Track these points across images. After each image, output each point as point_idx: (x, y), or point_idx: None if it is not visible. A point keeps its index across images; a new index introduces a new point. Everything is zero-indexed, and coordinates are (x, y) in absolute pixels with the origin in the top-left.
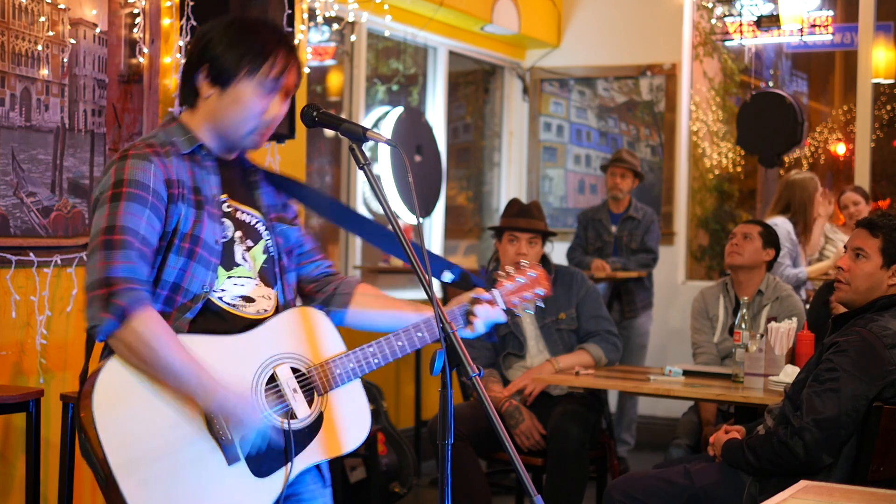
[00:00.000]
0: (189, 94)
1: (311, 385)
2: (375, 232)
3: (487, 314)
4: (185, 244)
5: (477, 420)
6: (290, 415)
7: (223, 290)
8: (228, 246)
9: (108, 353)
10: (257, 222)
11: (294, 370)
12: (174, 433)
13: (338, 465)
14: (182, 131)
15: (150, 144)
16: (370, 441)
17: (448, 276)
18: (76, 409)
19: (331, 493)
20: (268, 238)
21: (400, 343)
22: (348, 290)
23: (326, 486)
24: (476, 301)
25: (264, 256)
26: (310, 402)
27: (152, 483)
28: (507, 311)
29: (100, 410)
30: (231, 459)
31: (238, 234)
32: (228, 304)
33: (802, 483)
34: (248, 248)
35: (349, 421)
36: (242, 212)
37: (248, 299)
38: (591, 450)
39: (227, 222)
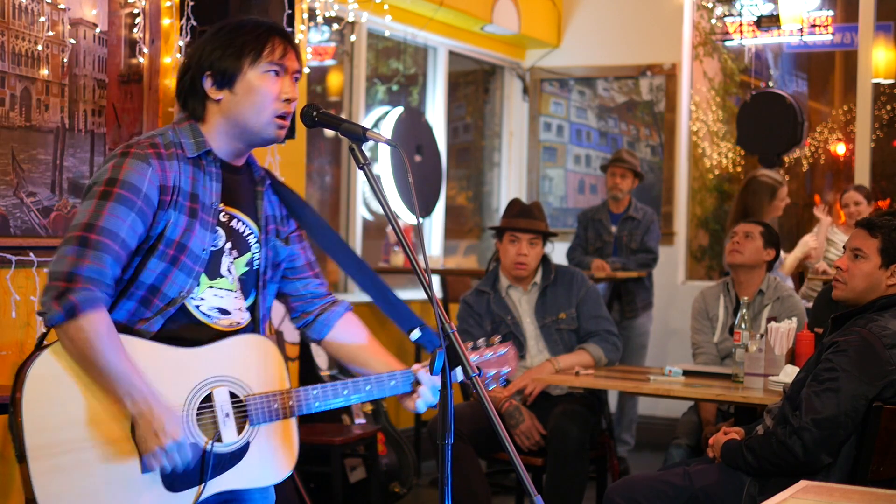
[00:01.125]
0: (197, 107)
1: (245, 413)
2: (361, 270)
3: (433, 382)
4: (169, 250)
5: (477, 420)
6: (216, 437)
7: (202, 300)
8: (216, 255)
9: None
10: (250, 233)
11: (233, 395)
12: (96, 430)
13: (338, 464)
14: (193, 133)
15: (153, 144)
16: (370, 441)
17: (416, 335)
18: (13, 388)
19: (272, 491)
20: (256, 250)
21: (346, 391)
22: (329, 323)
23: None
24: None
25: (245, 269)
26: (241, 429)
27: (61, 472)
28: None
29: (29, 391)
30: (145, 468)
31: (228, 244)
32: (204, 314)
33: (802, 483)
34: (234, 259)
35: (275, 456)
36: (239, 220)
37: (224, 311)
38: (591, 450)
39: (220, 231)
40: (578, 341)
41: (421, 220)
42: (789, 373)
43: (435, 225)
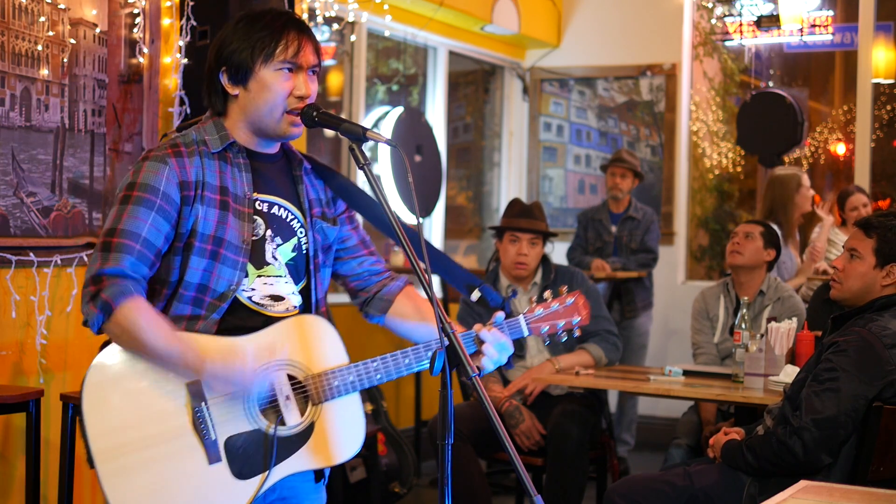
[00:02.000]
0: (218, 101)
1: (306, 394)
2: (415, 243)
3: (496, 339)
4: (207, 246)
5: (477, 420)
6: (280, 421)
7: (252, 290)
8: (259, 244)
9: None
10: (293, 219)
11: (291, 378)
12: (158, 427)
13: (338, 465)
14: (217, 128)
15: (174, 145)
16: (370, 441)
17: (476, 295)
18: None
19: (324, 490)
20: (301, 235)
21: (407, 360)
22: (389, 297)
23: (319, 483)
24: (486, 326)
25: (293, 254)
26: (303, 411)
27: (129, 472)
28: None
29: (88, 397)
30: (212, 458)
31: (269, 232)
32: (257, 303)
33: (802, 483)
34: (278, 246)
35: (342, 433)
36: (280, 206)
37: (277, 298)
38: (591, 450)
39: (259, 220)
40: (578, 341)
41: (421, 220)
42: (789, 373)
43: (435, 225)
